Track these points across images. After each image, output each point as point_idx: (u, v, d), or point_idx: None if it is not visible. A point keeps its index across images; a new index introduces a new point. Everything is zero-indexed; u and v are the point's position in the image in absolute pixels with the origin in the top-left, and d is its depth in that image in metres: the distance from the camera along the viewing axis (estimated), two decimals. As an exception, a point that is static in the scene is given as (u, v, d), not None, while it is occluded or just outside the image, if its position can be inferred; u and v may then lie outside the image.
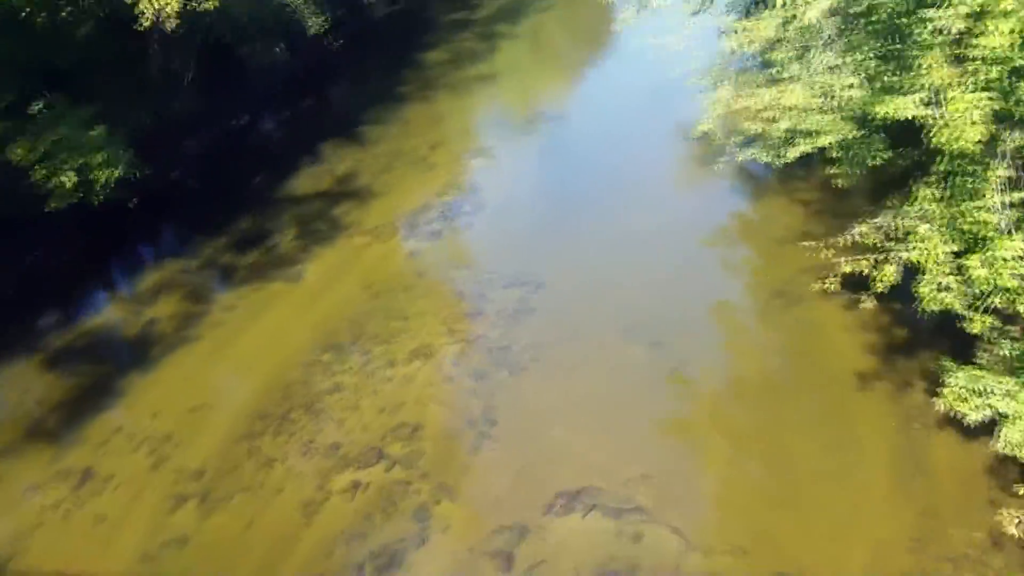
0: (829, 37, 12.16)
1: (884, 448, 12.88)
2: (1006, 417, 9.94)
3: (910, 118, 9.78)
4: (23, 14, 19.60)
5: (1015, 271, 9.68)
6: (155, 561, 13.12)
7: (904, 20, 9.74)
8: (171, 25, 20.12)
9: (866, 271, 11.78)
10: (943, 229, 10.18)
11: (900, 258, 10.25)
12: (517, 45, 32.29)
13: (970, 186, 9.92)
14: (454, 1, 37.95)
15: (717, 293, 17.09)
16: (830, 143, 12.15)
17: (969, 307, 10.50)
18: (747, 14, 15.91)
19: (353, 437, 14.87)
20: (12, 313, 19.85)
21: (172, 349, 17.92)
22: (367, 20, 33.63)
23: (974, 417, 10.17)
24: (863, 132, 10.98)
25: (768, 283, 16.71)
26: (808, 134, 12.79)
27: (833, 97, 12.29)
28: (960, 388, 10.11)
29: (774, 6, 13.73)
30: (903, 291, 11.57)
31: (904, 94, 9.56)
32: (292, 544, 12.97)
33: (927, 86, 9.80)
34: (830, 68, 11.73)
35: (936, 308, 10.76)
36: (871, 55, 10.22)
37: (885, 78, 9.83)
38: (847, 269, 11.54)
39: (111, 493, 14.57)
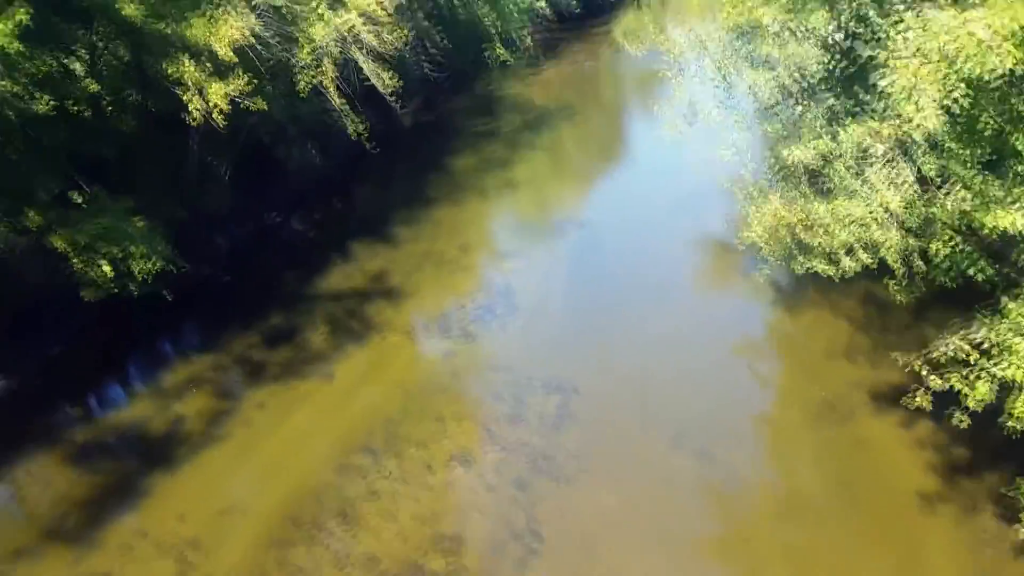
0: (886, 153, 12.36)
1: (955, 576, 12.27)
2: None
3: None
4: (73, 108, 20.08)
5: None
6: None
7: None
8: (220, 123, 20.61)
9: (924, 388, 11.52)
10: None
11: (994, 374, 10.01)
12: (544, 155, 33.08)
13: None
14: (481, 114, 39.33)
15: (763, 403, 16.82)
16: (892, 257, 12.18)
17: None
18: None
19: (391, 549, 14.17)
20: (36, 403, 19.42)
21: (200, 448, 17.37)
22: (396, 127, 34.61)
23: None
24: (953, 243, 10.91)
25: (815, 395, 16.38)
26: (866, 247, 12.88)
27: (889, 211, 12.44)
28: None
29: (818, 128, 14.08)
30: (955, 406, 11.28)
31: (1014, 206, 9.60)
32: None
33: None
34: (891, 183, 11.87)
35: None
36: (974, 167, 10.35)
37: (992, 191, 9.92)
38: (932, 384, 11.22)
39: (133, 603, 13.76)
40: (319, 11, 23.20)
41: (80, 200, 19.56)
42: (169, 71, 20.24)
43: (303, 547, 14.44)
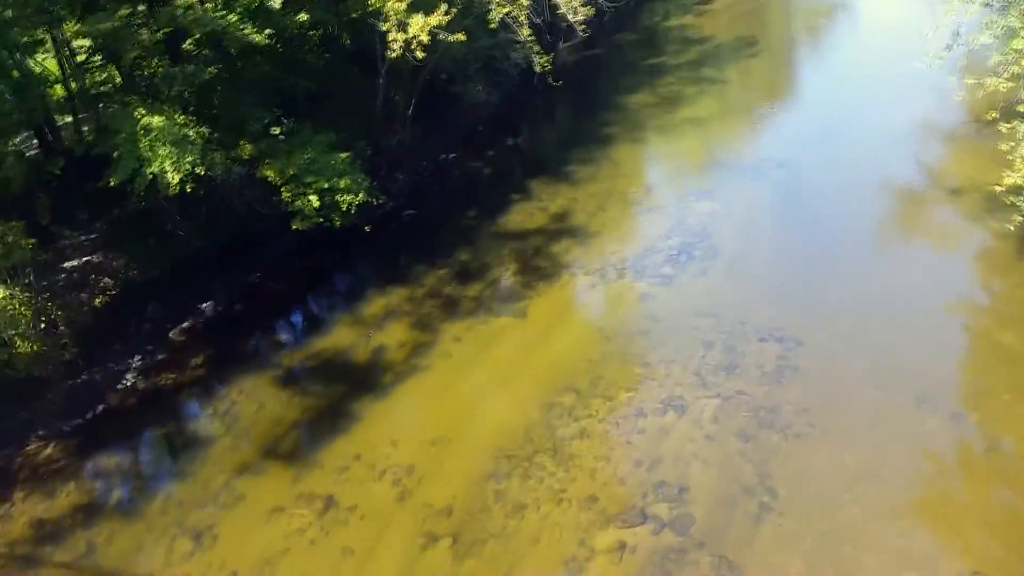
0: None
1: None
2: None
3: None
4: (279, 45, 20.32)
5: None
6: (412, 604, 12.41)
7: None
8: (419, 56, 20.31)
9: None
10: None
11: None
12: (723, 89, 31.21)
13: None
14: (650, 49, 37.50)
15: (1017, 370, 14.94)
16: None
17: None
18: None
19: (610, 491, 13.75)
20: (243, 327, 20.25)
21: (403, 377, 17.55)
22: (562, 64, 33.47)
23: None
24: None
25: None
26: None
27: None
28: None
29: None
30: None
31: None
32: (562, 605, 11.90)
33: None
34: None
35: None
36: None
37: None
38: None
39: (357, 524, 14.06)
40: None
41: (286, 133, 19.93)
42: (372, 2, 20.03)
43: (519, 481, 14.27)
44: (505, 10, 22.82)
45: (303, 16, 19.10)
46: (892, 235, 20.11)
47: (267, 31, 17.91)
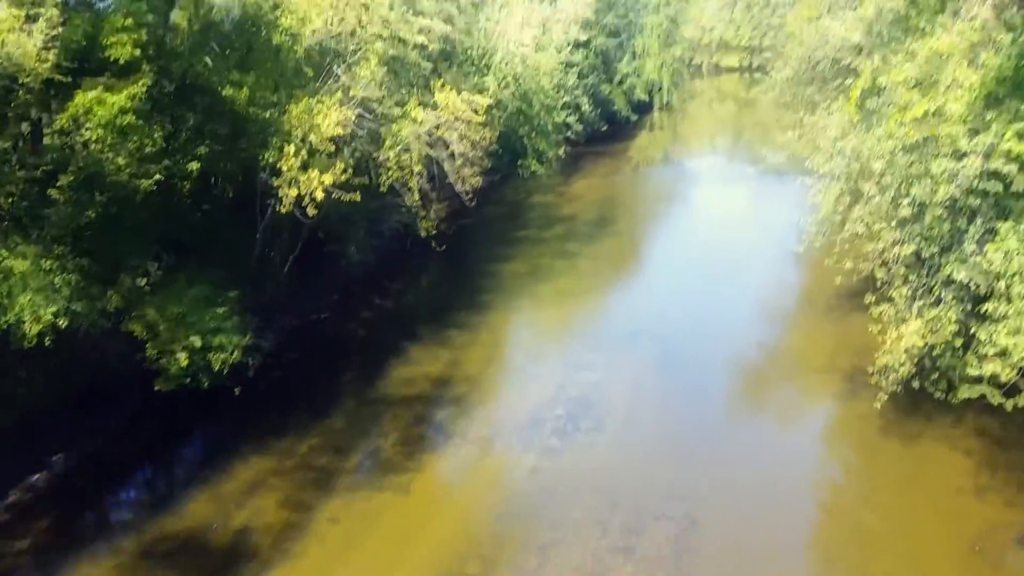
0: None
1: None
2: None
3: None
4: (177, 185, 19.20)
5: None
6: None
7: None
8: (312, 212, 19.92)
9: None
10: None
11: None
12: (590, 263, 32.74)
13: None
14: (518, 221, 39.33)
15: (914, 542, 15.51)
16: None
17: None
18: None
19: None
20: (84, 501, 17.50)
21: (270, 566, 15.52)
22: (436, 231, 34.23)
23: None
24: None
25: (958, 538, 15.29)
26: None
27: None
28: None
29: None
30: None
31: None
32: None
33: None
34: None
35: None
36: None
37: None
38: None
39: None
40: (411, 113, 23.11)
41: (159, 284, 18.42)
42: (268, 157, 19.67)
43: None
44: (397, 175, 23.18)
45: (194, 165, 18.29)
46: (762, 412, 21.15)
47: (156, 176, 16.91)
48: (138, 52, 17.57)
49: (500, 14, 42.09)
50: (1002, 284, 13.53)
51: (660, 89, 71.05)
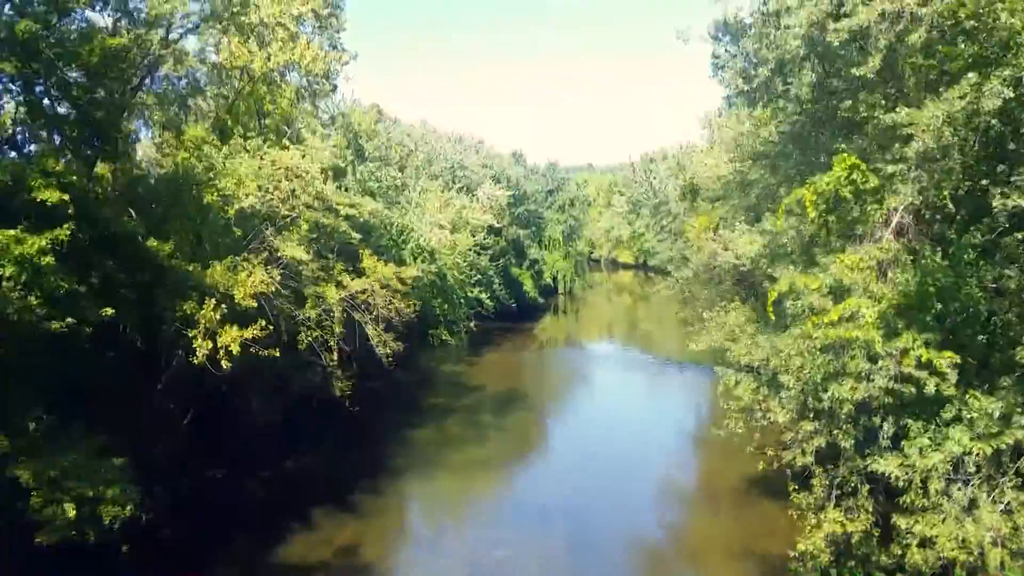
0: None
1: None
2: None
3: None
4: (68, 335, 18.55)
5: None
6: None
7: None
8: (226, 365, 19.56)
9: None
10: None
11: None
12: (500, 435, 32.81)
13: None
14: (428, 390, 39.42)
15: None
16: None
17: None
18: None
19: None
20: None
21: None
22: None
23: None
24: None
25: None
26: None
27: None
28: None
29: None
30: None
31: None
32: None
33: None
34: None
35: None
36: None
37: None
38: None
39: None
40: (337, 277, 23.69)
41: (51, 431, 17.30)
42: (186, 308, 19.53)
43: None
44: (315, 334, 23.27)
45: (109, 311, 17.89)
46: None
47: (68, 320, 16.42)
48: (66, 197, 17.61)
49: (420, 198, 44.70)
50: (917, 478, 14.55)
51: (564, 277, 75.65)
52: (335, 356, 23.85)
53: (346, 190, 30.44)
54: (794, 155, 20.60)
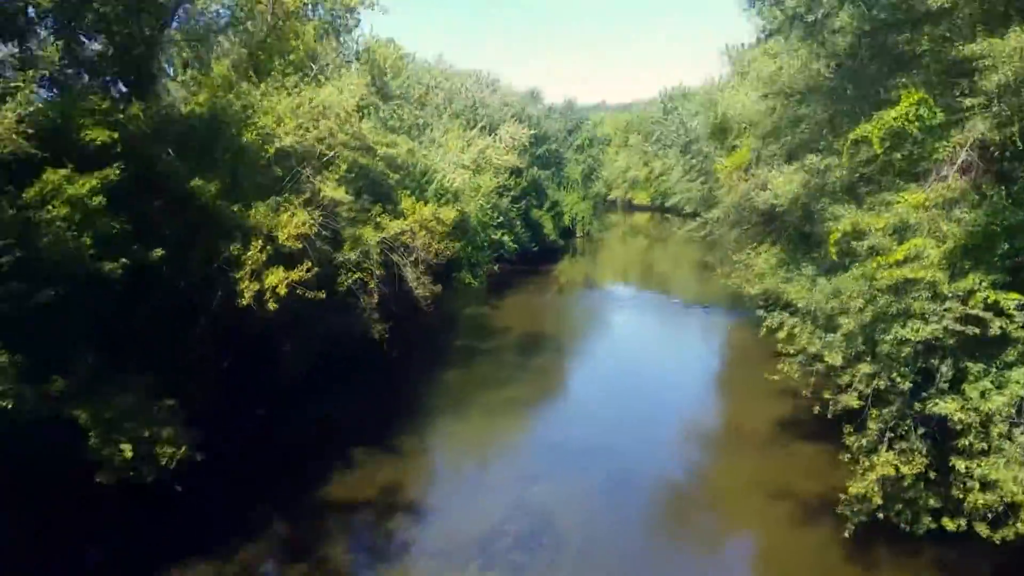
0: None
1: None
2: None
3: None
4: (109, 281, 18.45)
5: None
6: None
7: None
8: (272, 308, 19.50)
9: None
10: None
11: None
12: (534, 375, 32.80)
13: None
14: (455, 332, 39.49)
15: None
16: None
17: None
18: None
19: None
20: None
21: None
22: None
23: None
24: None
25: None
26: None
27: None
28: None
29: None
30: None
31: None
32: None
33: None
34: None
35: None
36: None
37: None
38: None
39: None
40: (377, 217, 23.41)
41: (103, 373, 17.34)
42: (233, 250, 19.34)
43: None
44: (355, 276, 23.13)
45: (159, 251, 17.76)
46: (734, 534, 20.98)
47: (122, 260, 16.30)
48: (115, 135, 17.40)
49: (442, 138, 43.93)
50: (978, 421, 14.45)
51: (583, 219, 75.00)
52: (375, 299, 23.74)
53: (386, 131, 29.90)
54: (848, 90, 20.00)
